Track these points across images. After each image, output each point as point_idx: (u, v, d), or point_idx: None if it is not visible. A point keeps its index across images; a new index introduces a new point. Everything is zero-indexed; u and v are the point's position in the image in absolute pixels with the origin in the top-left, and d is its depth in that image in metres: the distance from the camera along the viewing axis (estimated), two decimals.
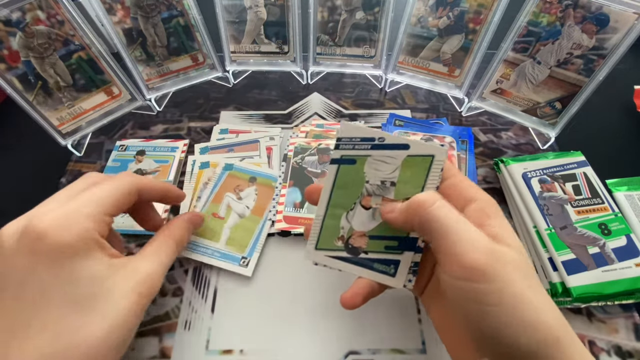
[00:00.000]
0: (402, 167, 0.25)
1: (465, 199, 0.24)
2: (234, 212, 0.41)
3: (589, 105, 0.44)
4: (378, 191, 0.26)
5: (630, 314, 0.35)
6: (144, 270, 0.26)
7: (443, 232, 0.21)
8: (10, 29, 0.39)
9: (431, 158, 0.25)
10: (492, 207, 0.24)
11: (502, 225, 0.23)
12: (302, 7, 0.50)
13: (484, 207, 0.23)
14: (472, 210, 0.23)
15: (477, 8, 0.45)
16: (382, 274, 0.27)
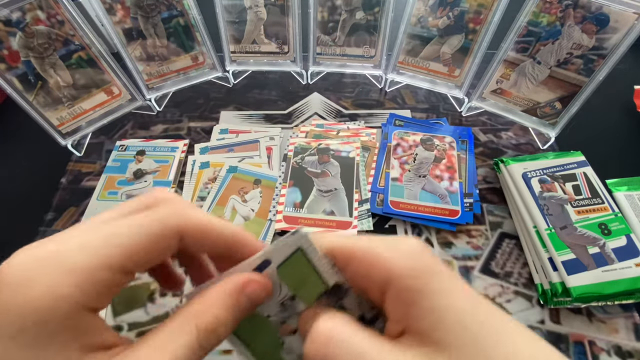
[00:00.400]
0: (282, 279, 0.19)
1: (379, 284, 0.16)
2: (239, 215, 0.41)
3: (589, 105, 0.44)
4: (287, 314, 0.20)
5: (630, 314, 0.35)
6: None
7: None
8: (10, 29, 0.39)
9: (300, 252, 0.18)
10: (412, 282, 0.16)
11: (431, 310, 0.15)
12: (302, 7, 0.50)
13: (401, 291, 0.16)
14: (391, 299, 0.16)
15: (477, 8, 0.45)
16: None
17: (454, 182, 0.44)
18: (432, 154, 0.47)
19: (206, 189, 0.43)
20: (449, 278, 0.16)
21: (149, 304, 0.36)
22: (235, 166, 0.44)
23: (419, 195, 0.43)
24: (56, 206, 0.44)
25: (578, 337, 0.34)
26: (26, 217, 0.43)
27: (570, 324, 0.35)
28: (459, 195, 0.43)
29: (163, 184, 0.44)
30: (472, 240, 0.41)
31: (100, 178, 0.45)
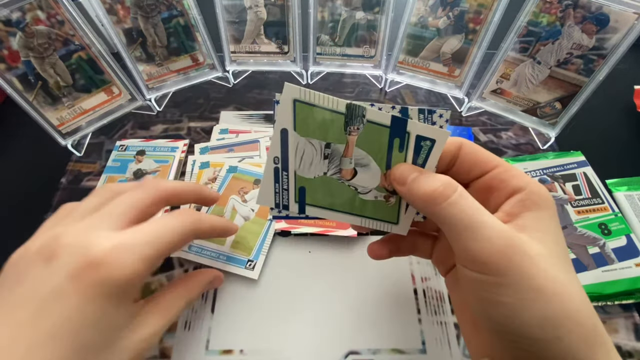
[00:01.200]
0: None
1: (509, 190, 0.22)
2: (239, 215, 0.41)
3: (589, 105, 0.44)
4: (335, 161, 0.23)
5: (630, 314, 0.35)
6: (152, 327, 0.24)
7: (457, 230, 0.20)
8: (10, 29, 0.39)
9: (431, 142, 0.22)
10: (535, 195, 0.21)
11: (539, 218, 0.20)
12: (302, 7, 0.50)
13: (526, 199, 0.21)
14: (513, 201, 0.21)
15: (477, 8, 0.45)
16: (381, 221, 0.25)
17: None
18: None
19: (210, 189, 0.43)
20: (557, 219, 0.22)
21: None
22: (235, 166, 0.44)
23: None
24: (56, 206, 0.44)
25: None
26: (26, 217, 0.43)
27: None
28: None
29: None
30: None
31: (100, 178, 0.45)
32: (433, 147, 0.21)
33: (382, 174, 0.23)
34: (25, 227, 0.43)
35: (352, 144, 0.21)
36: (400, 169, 0.22)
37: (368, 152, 0.22)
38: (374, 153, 0.22)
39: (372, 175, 0.22)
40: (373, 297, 0.36)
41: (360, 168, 0.22)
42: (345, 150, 0.22)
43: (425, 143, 0.21)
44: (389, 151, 0.21)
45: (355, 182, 0.23)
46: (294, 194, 0.23)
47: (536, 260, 0.19)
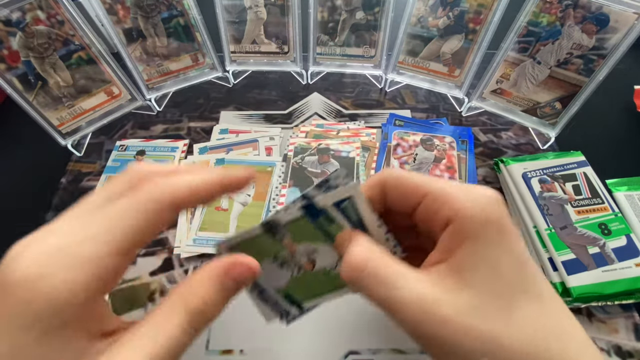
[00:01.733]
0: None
1: (443, 222, 0.18)
2: (236, 202, 0.42)
3: (589, 105, 0.44)
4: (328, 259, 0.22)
5: (630, 314, 0.35)
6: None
7: (379, 305, 0.18)
8: (10, 29, 0.39)
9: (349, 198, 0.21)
10: (471, 227, 0.17)
11: (473, 252, 0.17)
12: (302, 7, 0.50)
13: (459, 230, 0.17)
14: (446, 235, 0.18)
15: (477, 8, 0.45)
16: None
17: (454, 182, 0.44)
18: (432, 154, 0.47)
19: None
20: (510, 237, 0.17)
21: (149, 303, 0.36)
22: (222, 158, 0.45)
23: None
24: (56, 206, 0.44)
25: None
26: (26, 217, 0.43)
27: None
28: None
29: None
30: None
31: (100, 178, 0.45)
32: (356, 203, 0.20)
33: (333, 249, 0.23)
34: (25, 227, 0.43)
35: (290, 246, 0.22)
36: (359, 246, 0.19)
37: (310, 241, 0.22)
38: (315, 238, 0.22)
39: (328, 253, 0.22)
40: None
41: (315, 255, 0.22)
42: (291, 253, 0.22)
43: (345, 205, 0.20)
44: (323, 233, 0.21)
45: (320, 266, 0.22)
46: (286, 302, 0.24)
47: (452, 324, 0.16)
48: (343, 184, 0.20)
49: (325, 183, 0.21)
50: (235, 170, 0.20)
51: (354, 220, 0.21)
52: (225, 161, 0.45)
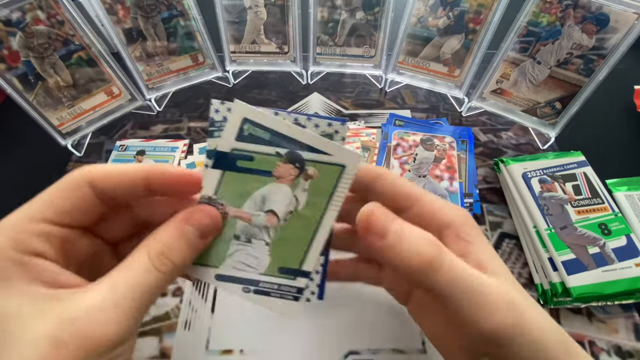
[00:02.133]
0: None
1: (438, 225, 0.21)
2: None
3: (589, 105, 0.44)
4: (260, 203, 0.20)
5: (630, 314, 0.35)
6: (78, 305, 0.16)
7: (457, 298, 0.18)
8: (10, 29, 0.39)
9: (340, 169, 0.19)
10: (468, 227, 0.21)
11: (484, 250, 0.21)
12: (302, 7, 0.50)
13: (460, 232, 0.21)
14: (449, 238, 0.21)
15: (477, 8, 0.45)
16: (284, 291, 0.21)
17: (454, 182, 0.44)
18: (432, 154, 0.47)
19: None
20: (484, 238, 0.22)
21: None
22: None
23: None
24: None
25: (578, 337, 0.34)
26: None
27: (570, 324, 0.35)
28: (459, 195, 0.43)
29: None
30: None
31: None
32: (254, 119, 0.18)
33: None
34: None
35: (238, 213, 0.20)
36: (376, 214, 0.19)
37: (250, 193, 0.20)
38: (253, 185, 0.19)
39: (278, 192, 0.19)
40: (373, 297, 0.36)
41: (267, 202, 0.20)
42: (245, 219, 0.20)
43: (247, 128, 0.18)
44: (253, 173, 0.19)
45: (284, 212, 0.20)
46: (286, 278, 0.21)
47: (527, 313, 0.19)
48: (225, 115, 0.18)
49: (212, 126, 0.19)
50: (169, 167, 0.20)
51: (268, 139, 0.19)
52: None
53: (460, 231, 0.21)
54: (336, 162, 0.19)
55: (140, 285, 0.17)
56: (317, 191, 0.19)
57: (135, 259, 0.18)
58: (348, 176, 0.19)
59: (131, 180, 0.20)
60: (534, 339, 0.18)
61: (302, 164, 0.19)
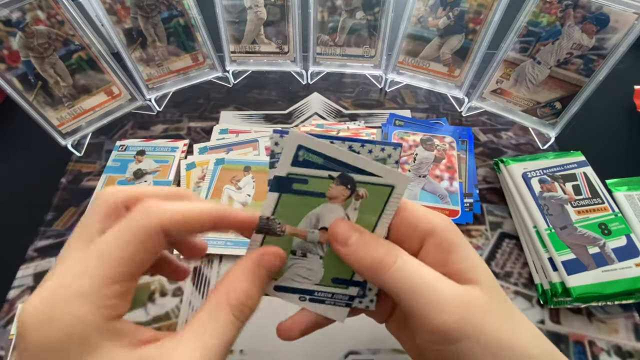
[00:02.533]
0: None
1: (421, 234, 0.21)
2: (236, 202, 0.42)
3: (589, 105, 0.44)
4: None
5: (630, 314, 0.35)
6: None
7: (408, 296, 0.19)
8: (10, 29, 0.39)
9: (390, 189, 0.21)
10: (452, 235, 0.21)
11: (466, 258, 0.20)
12: (302, 7, 0.50)
13: (443, 240, 0.21)
14: (431, 247, 0.21)
15: (477, 8, 0.45)
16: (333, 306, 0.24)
17: (454, 182, 0.44)
18: (432, 154, 0.47)
19: (198, 187, 0.43)
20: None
21: (149, 304, 0.36)
22: (222, 158, 0.45)
23: (419, 195, 0.43)
24: (56, 206, 0.44)
25: (578, 337, 0.34)
26: (26, 217, 0.43)
27: (570, 324, 0.35)
28: (459, 195, 0.43)
29: (163, 184, 0.44)
30: (472, 240, 0.41)
31: (100, 178, 0.45)
32: (310, 146, 0.19)
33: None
34: (25, 227, 0.43)
35: (294, 231, 0.21)
36: (340, 227, 0.21)
37: (305, 213, 0.21)
38: (307, 206, 0.21)
39: (331, 211, 0.21)
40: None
41: (320, 221, 0.22)
42: (301, 236, 0.22)
43: (302, 154, 0.19)
44: (308, 195, 0.20)
45: None
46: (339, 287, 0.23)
47: (484, 316, 0.19)
48: (282, 145, 0.20)
49: (272, 157, 0.21)
50: (237, 212, 0.21)
51: (321, 163, 0.20)
52: (225, 161, 0.45)
53: (442, 239, 0.21)
54: (386, 183, 0.20)
55: (229, 339, 0.18)
56: (367, 210, 0.21)
57: (220, 311, 0.18)
58: (397, 195, 0.20)
59: (201, 226, 0.19)
60: (491, 343, 0.18)
61: (354, 185, 0.20)
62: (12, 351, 0.33)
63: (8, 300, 0.37)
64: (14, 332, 0.35)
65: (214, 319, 0.18)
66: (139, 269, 0.18)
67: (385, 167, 0.20)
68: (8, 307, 0.36)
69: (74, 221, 0.43)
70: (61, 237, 0.41)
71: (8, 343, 0.34)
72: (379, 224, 0.21)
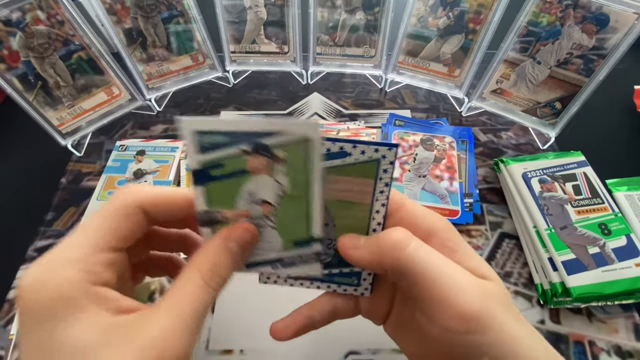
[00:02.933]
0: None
1: (422, 233, 0.21)
2: None
3: (589, 105, 0.44)
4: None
5: (630, 314, 0.35)
6: (151, 332, 0.17)
7: (427, 278, 0.19)
8: (10, 29, 0.39)
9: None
10: (454, 235, 0.21)
11: (472, 256, 0.21)
12: (302, 7, 0.50)
13: (446, 240, 0.21)
14: (436, 246, 0.21)
15: (477, 8, 0.45)
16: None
17: (454, 182, 0.44)
18: (432, 154, 0.47)
19: None
20: None
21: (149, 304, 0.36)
22: None
23: (419, 195, 0.43)
24: (56, 206, 0.44)
25: (578, 337, 0.34)
26: (26, 217, 0.43)
27: (570, 324, 0.35)
28: (459, 195, 0.43)
29: (163, 184, 0.44)
30: (472, 240, 0.41)
31: (100, 178, 0.45)
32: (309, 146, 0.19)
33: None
34: (25, 227, 0.43)
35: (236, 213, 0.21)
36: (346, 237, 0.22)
37: (237, 193, 0.21)
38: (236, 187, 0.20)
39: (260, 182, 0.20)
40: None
41: (255, 195, 0.21)
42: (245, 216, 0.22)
43: (199, 136, 0.19)
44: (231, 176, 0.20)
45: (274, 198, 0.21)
46: (301, 248, 0.23)
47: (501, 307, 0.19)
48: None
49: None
50: None
51: (228, 141, 0.19)
52: None
53: (445, 239, 0.21)
54: (298, 137, 0.19)
55: (201, 303, 0.19)
56: (294, 169, 0.20)
57: (190, 279, 0.19)
58: (315, 145, 0.19)
59: (179, 207, 0.21)
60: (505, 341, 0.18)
61: (269, 151, 0.19)
62: (12, 351, 0.33)
63: (8, 300, 0.37)
64: (14, 332, 0.35)
65: (185, 286, 0.19)
66: (121, 241, 0.19)
67: (287, 120, 0.19)
68: (8, 307, 0.36)
69: (74, 221, 0.43)
70: (61, 237, 0.41)
71: (8, 343, 0.34)
72: (311, 180, 0.20)
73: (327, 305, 0.25)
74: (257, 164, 0.20)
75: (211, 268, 0.20)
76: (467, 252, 0.21)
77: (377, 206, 0.22)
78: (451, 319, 0.18)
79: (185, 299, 0.18)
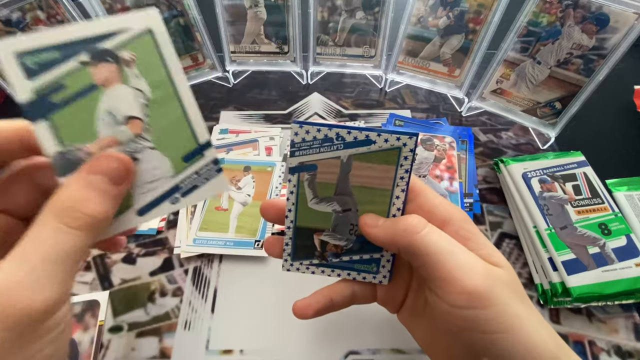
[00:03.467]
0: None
1: (438, 220, 0.22)
2: (236, 202, 0.42)
3: (589, 105, 0.44)
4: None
5: (630, 314, 0.35)
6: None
7: (437, 259, 0.20)
8: (10, 29, 0.40)
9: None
10: (468, 225, 0.22)
11: (485, 244, 0.22)
12: (302, 7, 0.50)
13: (460, 228, 0.22)
14: (451, 233, 0.22)
15: (477, 8, 0.45)
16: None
17: (454, 182, 0.44)
18: (432, 154, 0.47)
19: None
20: None
21: (149, 304, 0.36)
22: (222, 158, 0.45)
23: None
24: None
25: (578, 337, 0.34)
26: None
27: (570, 324, 0.35)
28: (459, 195, 0.43)
29: None
30: None
31: None
32: (154, 37, 0.17)
33: None
34: None
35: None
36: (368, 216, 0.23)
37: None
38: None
39: (151, 156, 0.18)
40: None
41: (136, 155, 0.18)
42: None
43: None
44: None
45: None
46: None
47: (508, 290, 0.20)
48: (299, 138, 0.21)
49: (292, 147, 0.22)
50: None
51: (60, 56, 0.16)
52: (225, 161, 0.45)
53: (460, 227, 0.22)
54: (138, 31, 0.17)
55: (54, 246, 0.16)
56: (148, 68, 0.18)
57: (41, 222, 0.17)
58: (159, 32, 0.17)
59: (7, 141, 0.19)
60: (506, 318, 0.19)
61: (111, 54, 0.17)
62: None
63: None
64: None
65: (34, 231, 0.16)
66: None
67: (119, 16, 0.16)
68: None
69: None
70: None
71: None
72: (171, 74, 0.19)
73: (347, 290, 0.26)
74: (104, 72, 0.17)
75: (69, 206, 0.17)
76: (480, 240, 0.22)
77: (397, 192, 0.23)
78: (457, 294, 0.19)
79: (35, 246, 0.16)
